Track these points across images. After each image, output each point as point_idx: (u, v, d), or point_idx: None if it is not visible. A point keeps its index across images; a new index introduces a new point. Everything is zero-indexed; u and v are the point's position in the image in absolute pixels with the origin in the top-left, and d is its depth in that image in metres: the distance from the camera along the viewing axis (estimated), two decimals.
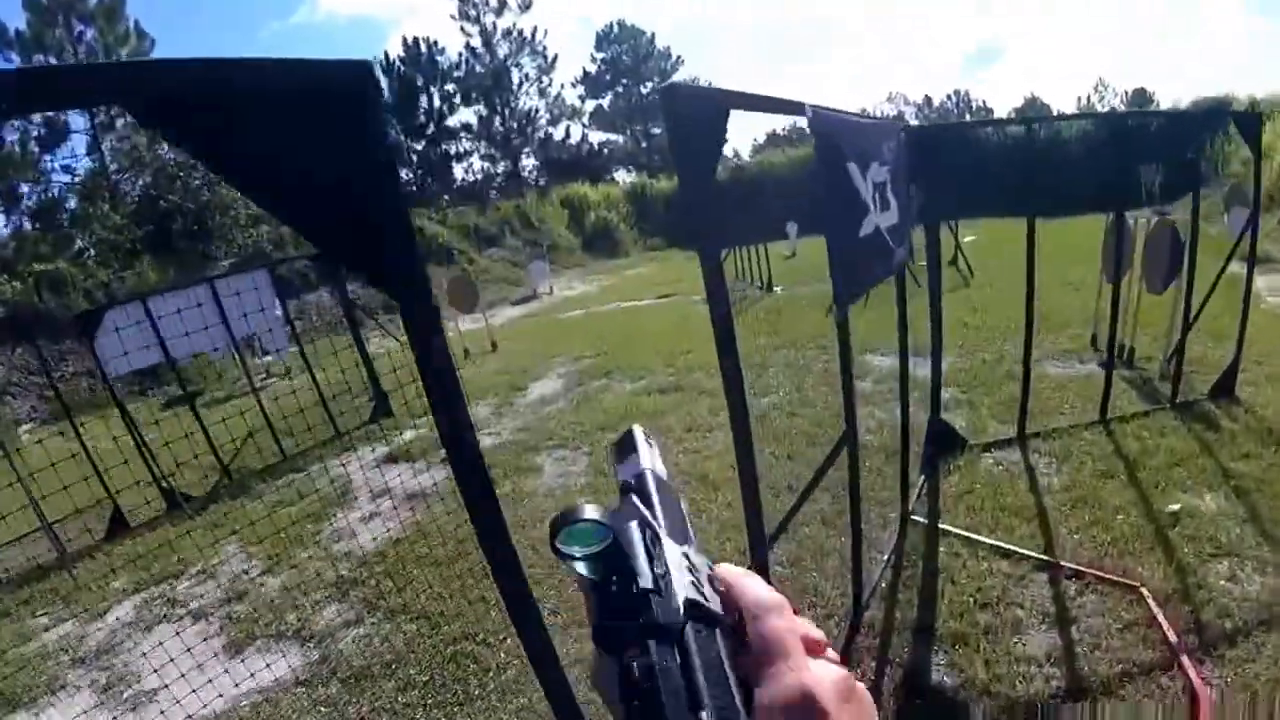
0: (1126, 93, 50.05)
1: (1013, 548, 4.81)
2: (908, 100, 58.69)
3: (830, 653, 0.55)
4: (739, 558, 5.30)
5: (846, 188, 3.63)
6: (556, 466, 7.74)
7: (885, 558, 4.90)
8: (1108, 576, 4.39)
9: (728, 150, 52.11)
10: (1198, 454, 5.86)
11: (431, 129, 43.99)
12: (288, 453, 9.61)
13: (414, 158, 43.49)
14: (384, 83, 42.71)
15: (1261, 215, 14.42)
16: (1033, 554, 4.72)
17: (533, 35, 45.88)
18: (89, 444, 8.00)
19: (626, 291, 22.21)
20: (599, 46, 52.18)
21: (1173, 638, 3.82)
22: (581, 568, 0.53)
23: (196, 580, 6.35)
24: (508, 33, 45.37)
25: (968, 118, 48.88)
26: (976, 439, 6.65)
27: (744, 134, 58.28)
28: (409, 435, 9.43)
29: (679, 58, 53.22)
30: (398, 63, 42.92)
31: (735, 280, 18.57)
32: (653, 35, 52.42)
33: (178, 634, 5.41)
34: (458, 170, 45.93)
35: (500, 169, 46.66)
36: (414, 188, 41.93)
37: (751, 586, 0.56)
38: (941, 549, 4.97)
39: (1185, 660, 3.65)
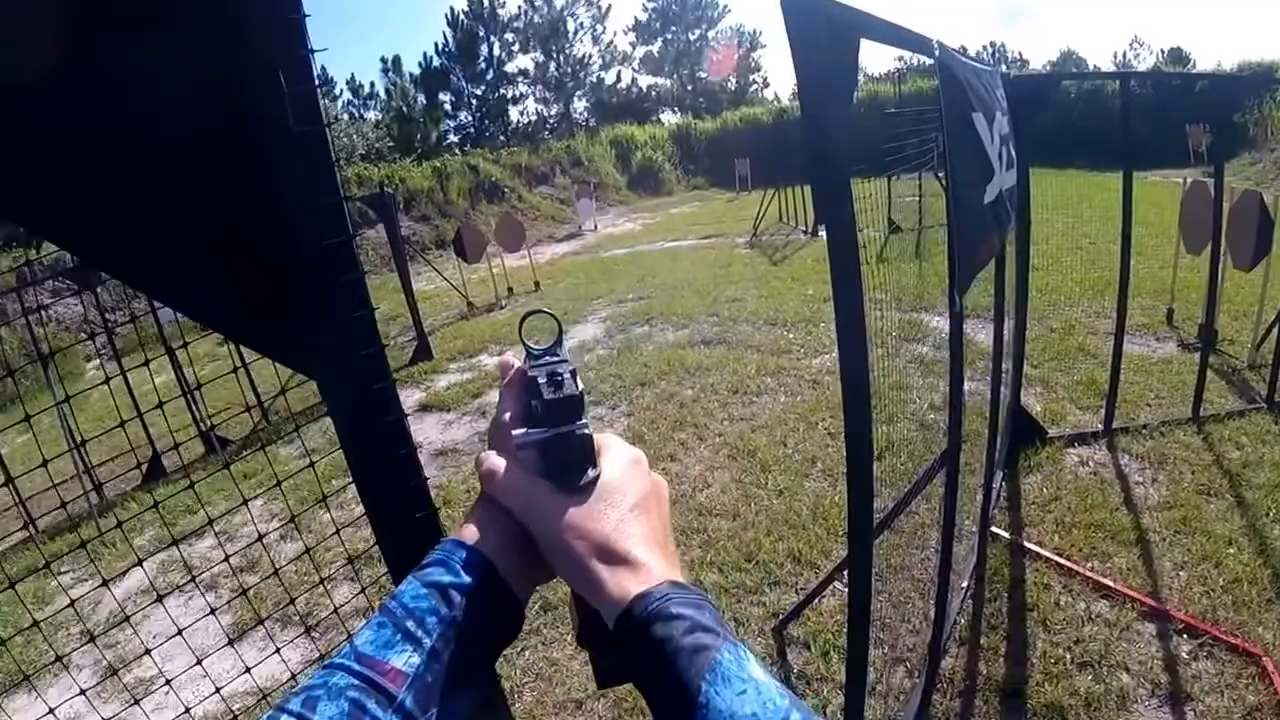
0: (1163, 51, 47.62)
1: (1114, 585, 4.09)
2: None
3: None
4: (791, 565, 4.65)
5: (974, 144, 2.92)
6: (594, 427, 7.10)
7: (964, 584, 4.19)
8: (1225, 637, 3.66)
9: (770, 93, 51.55)
10: None
11: (490, 75, 46.40)
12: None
13: (473, 102, 46.13)
14: (448, 34, 45.61)
15: None
16: (1139, 596, 4.00)
17: None
18: (146, 382, 7.50)
19: (670, 230, 21.43)
20: None
21: None
22: (537, 348, 0.79)
23: (215, 542, 5.78)
24: None
25: (1004, 69, 47.07)
26: (1057, 429, 5.90)
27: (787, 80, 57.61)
28: (444, 383, 8.85)
29: (725, 6, 53.60)
30: (461, 15, 45.26)
31: (779, 223, 17.75)
32: None
33: (186, 605, 4.94)
34: (513, 113, 48.38)
35: (553, 112, 49.16)
36: (472, 130, 44.98)
37: None
38: (1029, 576, 4.28)
39: None
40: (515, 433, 0.73)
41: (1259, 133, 20.46)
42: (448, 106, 45.29)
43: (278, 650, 2.69)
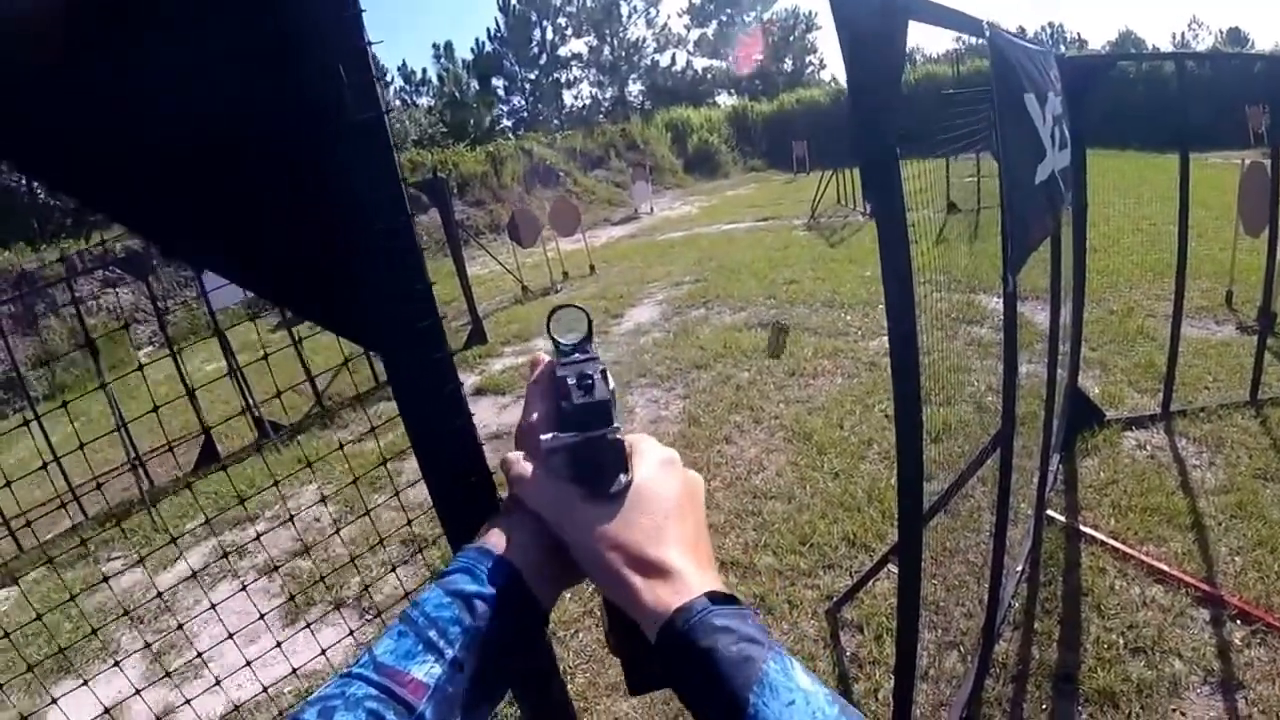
0: (1221, 31, 46.39)
1: (1169, 570, 4.04)
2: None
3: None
4: (846, 548, 4.65)
5: (1025, 124, 2.94)
6: (649, 409, 7.15)
7: (1019, 568, 4.16)
8: (1275, 622, 3.59)
9: (827, 75, 51.11)
10: None
11: (544, 59, 46.70)
12: (380, 379, 9.19)
13: (526, 86, 46.62)
14: (500, 20, 46.07)
15: None
16: (1194, 581, 3.94)
17: None
18: (196, 368, 7.67)
19: (727, 213, 21.29)
20: None
21: None
22: (566, 343, 0.78)
23: (269, 525, 5.90)
24: None
25: (1062, 49, 46.35)
26: (1114, 412, 5.82)
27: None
28: (499, 366, 8.94)
29: None
30: (514, 1, 45.58)
31: (836, 205, 17.60)
32: None
33: (244, 589, 5.04)
34: (567, 97, 48.77)
35: (608, 95, 49.28)
36: (525, 114, 45.34)
37: None
38: (1084, 560, 4.23)
39: None
40: (544, 437, 0.71)
41: None
42: (500, 91, 45.74)
43: (333, 641, 2.77)
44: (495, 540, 0.69)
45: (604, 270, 14.38)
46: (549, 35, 46.16)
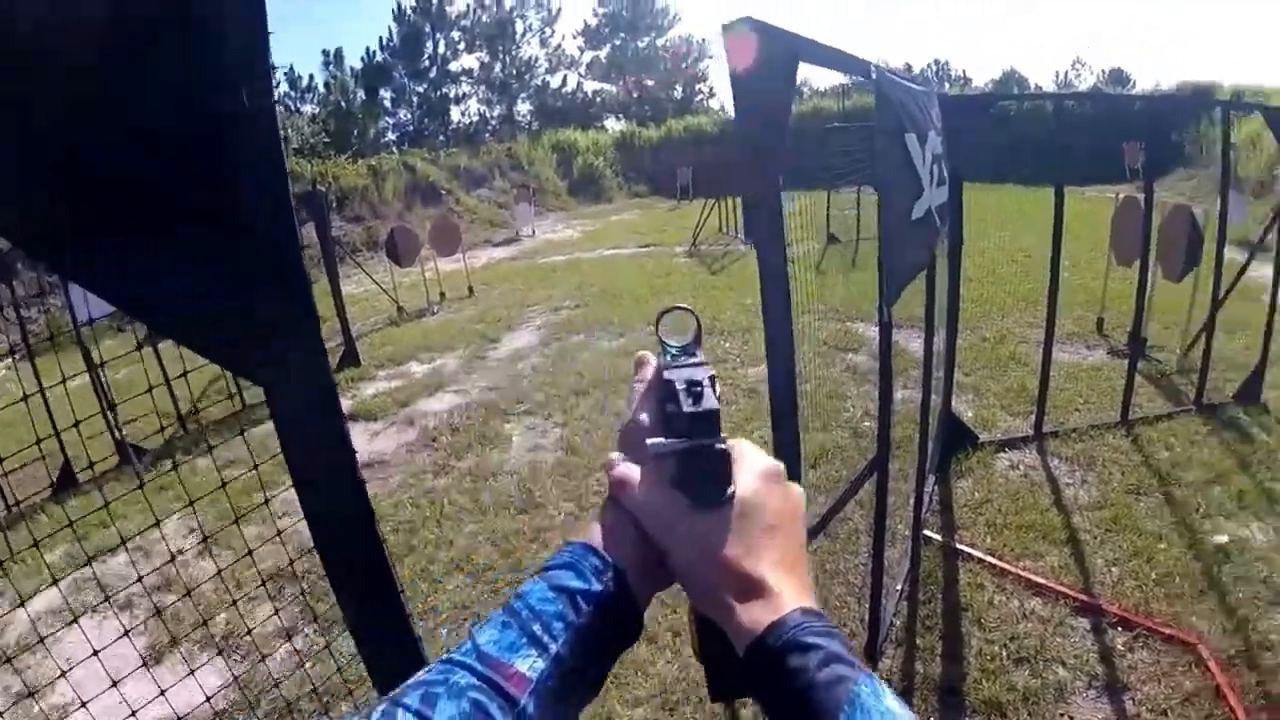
0: (1104, 71, 49.40)
1: (1046, 583, 4.14)
2: (889, 67, 57.03)
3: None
4: None
5: (906, 163, 3.02)
6: (526, 438, 6.99)
7: (899, 587, 4.19)
8: (1159, 628, 3.74)
9: (715, 103, 51.96)
10: (1235, 471, 5.24)
11: (434, 73, 45.48)
12: (248, 402, 8.80)
13: (414, 99, 45.21)
14: (393, 29, 44.63)
15: (1249, 202, 14.17)
16: (1072, 592, 4.05)
17: None
18: (59, 384, 7.13)
19: (610, 238, 21.29)
20: (601, 2, 52.42)
21: (1243, 719, 3.19)
22: (674, 346, 0.79)
23: (131, 557, 5.50)
24: None
25: (947, 86, 48.44)
26: (988, 434, 5.97)
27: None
28: (371, 390, 8.68)
29: (675, 15, 53.59)
30: (408, 10, 44.48)
31: (719, 233, 17.84)
32: None
33: (99, 627, 4.63)
34: (454, 113, 47.36)
35: (495, 113, 48.20)
36: (411, 129, 43.86)
37: None
38: (962, 577, 4.30)
39: None
40: (651, 441, 0.69)
41: (1194, 151, 21.17)
42: (387, 103, 44.40)
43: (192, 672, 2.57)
44: (598, 538, 0.69)
45: (483, 293, 14.16)
46: (441, 49, 45.07)
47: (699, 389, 0.69)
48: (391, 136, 42.82)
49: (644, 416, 0.76)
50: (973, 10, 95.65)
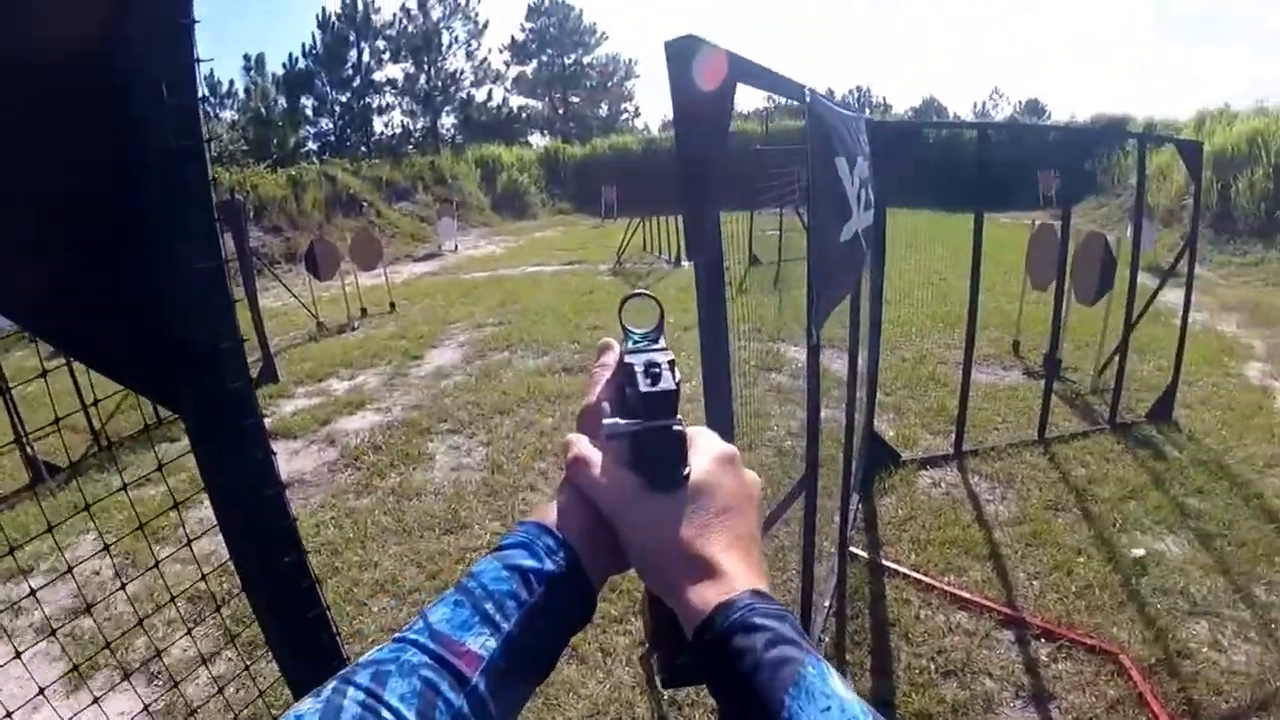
0: (1020, 102, 51.42)
1: (971, 597, 4.21)
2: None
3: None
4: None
5: (836, 187, 3.07)
6: (450, 456, 6.87)
7: (826, 604, 4.20)
8: (1083, 640, 3.83)
9: (640, 122, 52.29)
10: (1149, 487, 5.43)
11: (357, 82, 44.59)
12: (163, 418, 8.50)
13: (336, 109, 44.17)
14: (318, 36, 43.58)
15: (1159, 230, 14.82)
16: (996, 606, 4.13)
17: (466, 1, 47.01)
18: None
19: (533, 254, 21.18)
20: (529, 17, 52.51)
21: None
22: (637, 333, 0.78)
23: (47, 579, 5.23)
24: None
25: (868, 113, 49.62)
26: (909, 453, 6.07)
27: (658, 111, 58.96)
28: (290, 408, 8.46)
29: (603, 34, 53.79)
30: (333, 17, 43.64)
31: (643, 252, 17.91)
32: (581, 10, 53.09)
33: (18, 655, 4.39)
34: (377, 124, 46.36)
35: (419, 125, 47.37)
36: (332, 138, 42.62)
37: None
38: (889, 592, 4.34)
39: None
40: (606, 421, 0.70)
41: (1106, 179, 22.32)
42: (309, 112, 43.30)
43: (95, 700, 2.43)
44: (552, 517, 0.69)
45: (405, 308, 13.94)
46: (365, 58, 44.24)
47: (657, 370, 0.70)
48: (312, 146, 41.63)
49: (600, 399, 0.76)
50: (893, 39, 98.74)
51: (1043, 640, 3.86)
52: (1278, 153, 16.55)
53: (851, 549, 4.73)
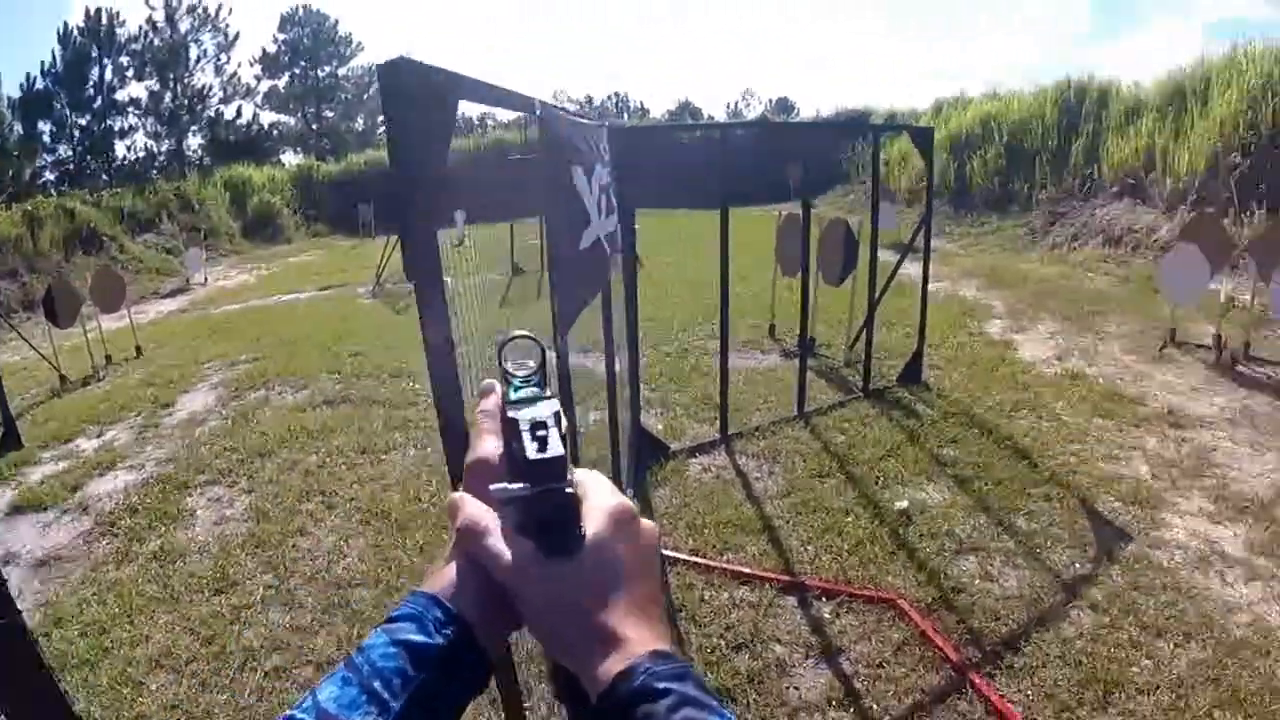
0: (771, 100, 54.09)
1: (750, 571, 4.29)
2: (570, 98, 59.06)
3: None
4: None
5: (573, 195, 3.10)
6: (212, 510, 6.33)
7: None
8: (860, 592, 3.99)
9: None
10: (906, 444, 5.79)
11: (99, 103, 40.87)
12: None
13: (75, 134, 40.39)
14: (57, 53, 39.61)
15: (902, 210, 16.00)
16: (775, 576, 4.23)
17: (216, 12, 44.29)
18: None
19: (288, 282, 20.08)
20: (281, 27, 50.07)
21: (953, 655, 3.49)
22: (518, 377, 0.75)
23: None
24: (191, 8, 43.40)
25: (626, 117, 50.81)
26: (678, 443, 6.15)
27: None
28: (37, 476, 7.60)
29: (359, 44, 51.96)
30: (75, 32, 39.91)
31: (403, 271, 17.47)
32: (336, 20, 51.25)
33: None
34: (120, 148, 42.56)
35: (164, 148, 43.80)
36: (71, 166, 39.02)
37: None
38: (672, 580, 4.33)
39: (977, 680, 3.32)
40: (494, 487, 0.67)
41: (851, 169, 24.14)
42: (47, 138, 39.29)
43: None
44: (443, 586, 0.68)
45: (152, 352, 12.78)
46: (108, 75, 40.39)
47: (543, 432, 0.68)
48: (50, 176, 37.83)
49: (488, 452, 0.74)
50: (650, 45, 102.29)
51: (824, 600, 3.98)
52: (1008, 132, 18.28)
53: None
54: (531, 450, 0.66)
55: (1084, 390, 6.99)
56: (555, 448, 0.67)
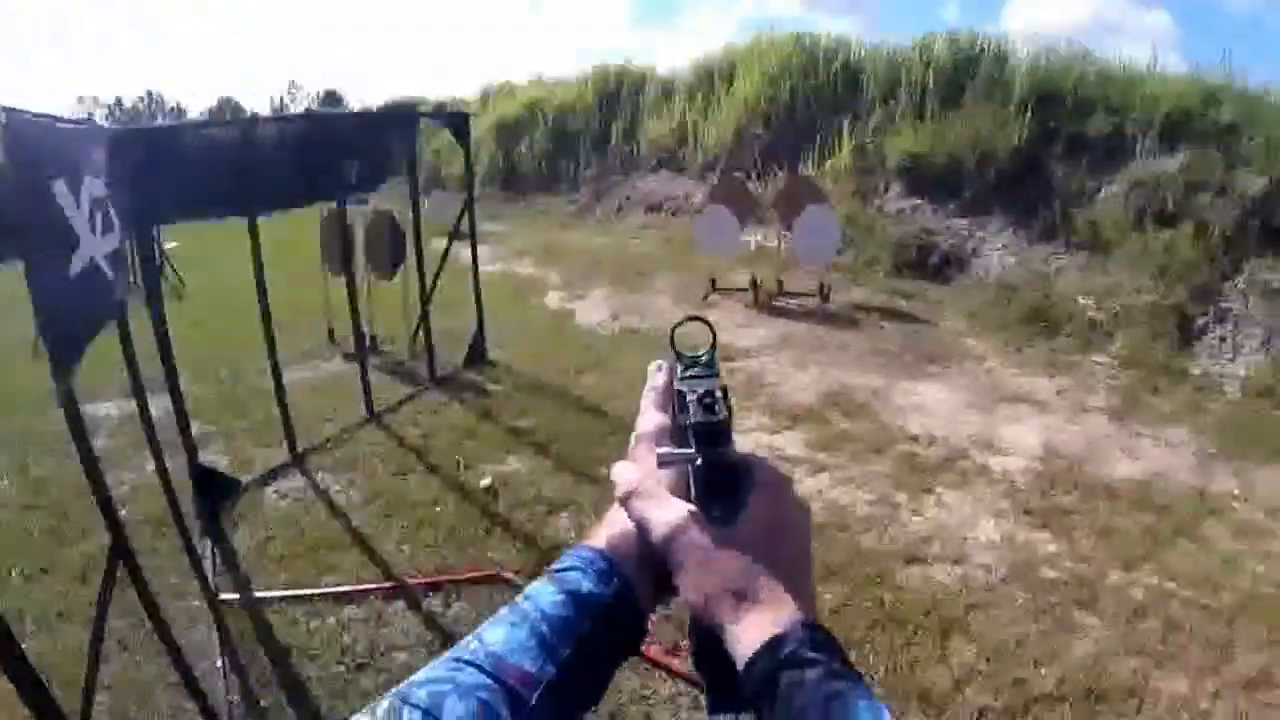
0: (319, 94, 51.62)
1: (351, 588, 4.21)
2: (99, 102, 52.03)
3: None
4: None
5: (54, 215, 2.74)
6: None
7: (219, 665, 3.85)
8: (463, 576, 4.13)
9: None
10: (480, 422, 5.99)
11: None
12: None
13: None
14: None
15: (457, 198, 16.27)
16: (376, 585, 4.20)
17: None
18: None
19: None
20: None
21: None
22: (689, 356, 0.76)
23: None
24: None
25: (161, 119, 46.12)
26: (249, 474, 5.81)
27: None
28: None
29: None
30: None
31: None
32: None
33: None
34: None
35: None
36: None
37: None
38: (273, 621, 4.10)
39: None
40: (660, 450, 0.69)
41: (405, 160, 23.35)
42: None
43: None
44: (607, 545, 0.70)
45: None
46: None
47: (710, 399, 0.69)
48: None
49: (652, 425, 0.77)
50: (186, 41, 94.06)
51: (431, 594, 4.05)
52: (553, 116, 19.09)
53: (221, 597, 4.39)
54: (697, 415, 0.68)
55: (639, 343, 7.62)
56: (721, 413, 0.68)
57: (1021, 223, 10.48)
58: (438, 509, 4.81)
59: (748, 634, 0.62)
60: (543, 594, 0.65)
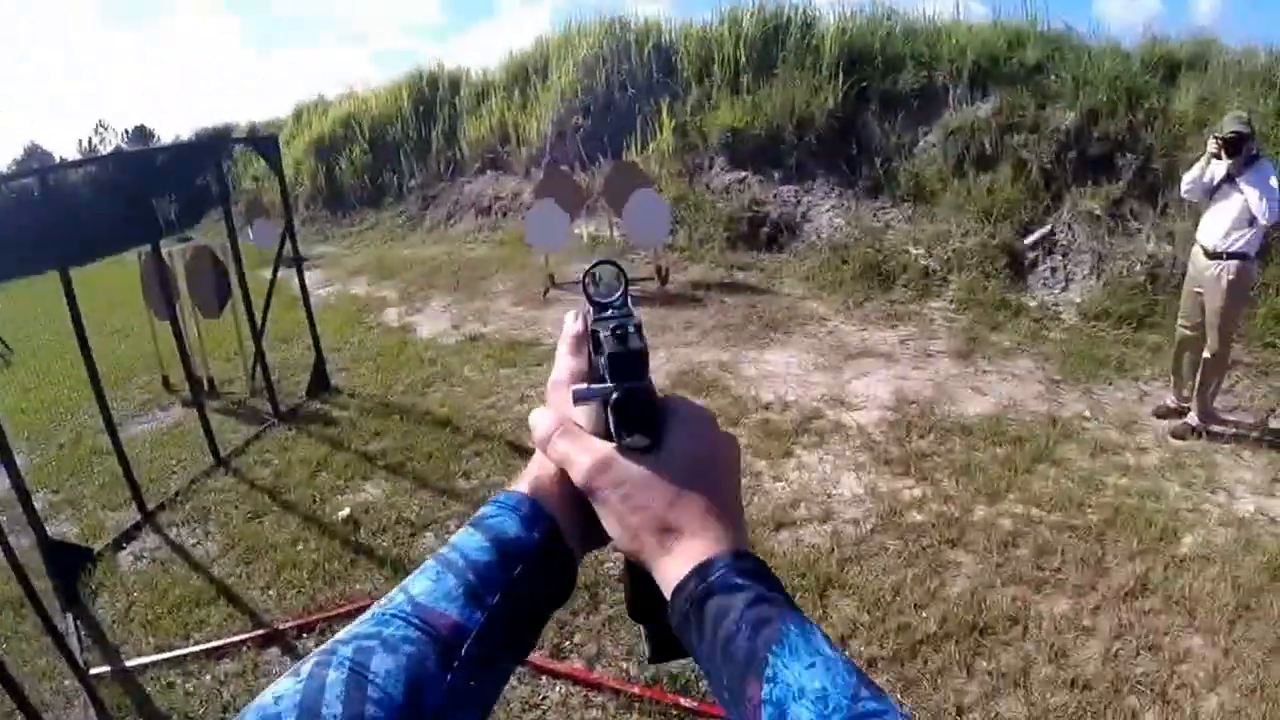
0: (127, 131, 48.97)
1: (221, 642, 4.18)
2: None
3: None
4: None
5: None
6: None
7: None
8: (336, 613, 4.15)
9: None
10: (332, 452, 5.95)
11: None
12: None
13: None
14: None
15: (276, 224, 15.80)
16: (246, 635, 4.17)
17: None
18: None
19: None
20: None
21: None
22: (601, 299, 0.73)
23: None
24: None
25: None
26: (101, 541, 5.65)
27: None
28: None
29: None
30: None
31: None
32: None
33: None
34: None
35: None
36: None
37: None
38: (150, 687, 4.05)
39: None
40: (575, 387, 0.67)
41: (221, 190, 22.42)
42: None
43: None
44: (530, 489, 0.68)
45: None
46: None
47: (623, 332, 0.68)
48: None
49: (567, 370, 0.76)
50: None
51: (305, 634, 4.07)
52: (371, 128, 18.63)
53: (92, 671, 4.30)
54: (611, 345, 0.67)
55: (485, 349, 7.69)
56: (635, 344, 0.67)
57: (846, 183, 10.91)
58: (298, 548, 4.80)
59: (675, 564, 0.62)
60: (468, 542, 0.64)
